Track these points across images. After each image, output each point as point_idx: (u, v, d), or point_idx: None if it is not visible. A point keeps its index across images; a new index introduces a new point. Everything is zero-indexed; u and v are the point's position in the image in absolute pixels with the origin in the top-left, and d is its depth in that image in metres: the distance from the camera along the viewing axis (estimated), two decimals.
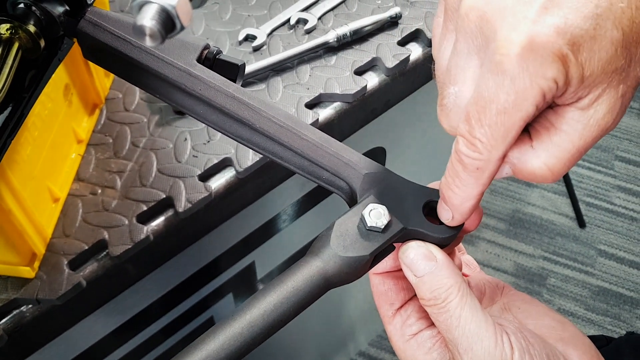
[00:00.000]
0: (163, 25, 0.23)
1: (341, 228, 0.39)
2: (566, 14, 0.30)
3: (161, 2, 0.23)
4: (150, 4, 0.23)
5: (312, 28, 0.75)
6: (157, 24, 0.22)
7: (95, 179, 0.63)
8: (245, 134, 0.44)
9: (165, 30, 0.23)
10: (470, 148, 0.34)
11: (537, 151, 0.35)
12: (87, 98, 0.66)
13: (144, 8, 0.23)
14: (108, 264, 0.59)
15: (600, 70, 0.32)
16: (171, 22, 0.23)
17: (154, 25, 0.22)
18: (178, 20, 0.23)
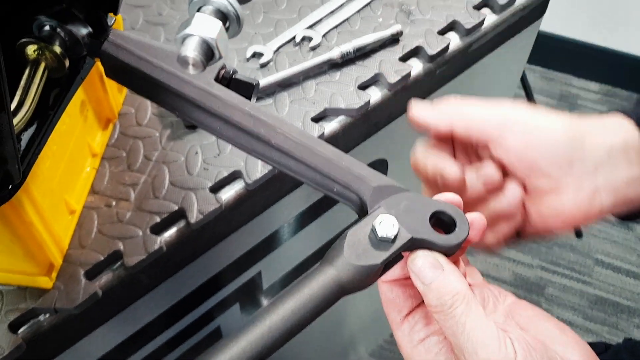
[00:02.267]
0: (204, 55, 0.25)
1: (353, 238, 0.41)
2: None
3: (202, 34, 0.25)
4: (193, 37, 0.25)
5: (317, 45, 0.78)
6: (199, 55, 0.25)
7: (109, 191, 0.65)
8: (260, 149, 0.46)
9: (206, 59, 0.25)
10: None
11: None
12: (101, 113, 0.68)
13: (187, 40, 0.25)
14: (123, 274, 0.61)
15: None
16: (211, 52, 0.25)
17: (196, 55, 0.25)
18: (217, 50, 0.25)
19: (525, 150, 0.47)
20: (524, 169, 0.48)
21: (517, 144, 0.47)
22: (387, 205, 0.43)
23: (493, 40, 0.86)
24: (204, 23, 0.25)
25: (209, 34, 0.25)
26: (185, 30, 0.25)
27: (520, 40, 0.93)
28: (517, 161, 0.48)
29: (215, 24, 0.25)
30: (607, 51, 2.24)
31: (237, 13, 0.26)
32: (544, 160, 0.47)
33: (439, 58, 0.79)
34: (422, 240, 0.42)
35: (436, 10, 0.83)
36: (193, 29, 0.25)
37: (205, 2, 0.26)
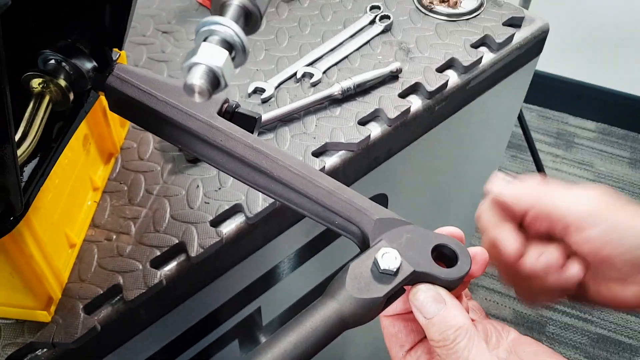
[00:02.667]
0: (210, 83, 0.25)
1: (356, 271, 0.41)
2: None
3: (209, 63, 0.25)
4: (199, 65, 0.25)
5: (318, 81, 0.79)
6: (205, 83, 0.25)
7: (110, 225, 0.65)
8: (262, 182, 0.46)
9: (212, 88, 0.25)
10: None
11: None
12: (103, 147, 0.69)
13: (194, 69, 0.26)
14: (122, 308, 0.60)
15: None
16: (217, 80, 0.26)
17: (202, 83, 0.25)
18: (223, 79, 0.26)
19: (603, 247, 0.46)
20: (596, 260, 0.47)
21: (597, 239, 0.46)
22: (389, 238, 0.43)
23: (491, 78, 0.87)
24: (211, 52, 0.26)
25: (215, 62, 0.25)
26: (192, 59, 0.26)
27: (517, 78, 0.94)
28: (592, 253, 0.47)
29: (221, 53, 0.26)
30: (602, 90, 2.27)
31: (243, 43, 0.27)
32: (619, 259, 0.46)
33: (438, 94, 0.80)
34: (424, 274, 0.42)
35: (434, 49, 0.84)
36: (199, 58, 0.26)
37: (211, 32, 0.26)
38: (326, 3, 0.92)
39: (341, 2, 0.92)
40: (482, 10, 0.90)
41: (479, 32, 0.86)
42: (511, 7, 0.90)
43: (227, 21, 0.27)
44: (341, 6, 0.91)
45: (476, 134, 1.00)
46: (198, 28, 0.27)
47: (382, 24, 0.86)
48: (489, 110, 0.95)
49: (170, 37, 0.86)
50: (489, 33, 0.86)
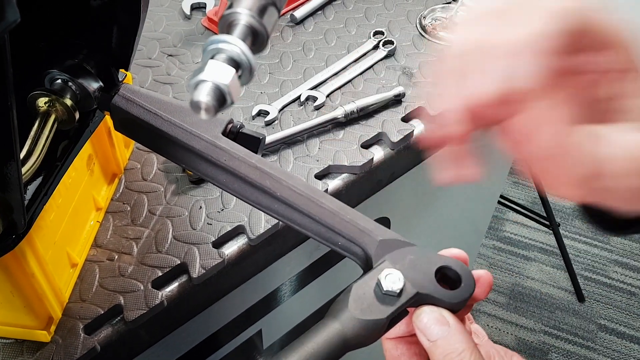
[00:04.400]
0: (217, 100, 0.26)
1: (358, 292, 0.41)
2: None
3: (215, 80, 0.26)
4: (206, 83, 0.26)
5: (321, 105, 0.79)
6: (211, 100, 0.25)
7: (112, 245, 0.65)
8: (265, 202, 0.46)
9: (218, 105, 0.26)
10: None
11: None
12: (107, 168, 0.69)
13: (200, 86, 0.26)
14: (122, 329, 0.60)
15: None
16: (223, 98, 0.26)
17: (209, 100, 0.25)
18: (229, 96, 0.26)
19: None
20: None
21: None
22: (393, 260, 0.42)
23: None
24: (217, 70, 0.26)
25: (222, 80, 0.26)
26: (199, 76, 0.26)
27: None
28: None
29: (228, 71, 0.26)
30: None
31: (249, 61, 0.27)
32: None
33: None
34: (427, 296, 0.41)
35: None
36: (206, 75, 0.26)
37: (218, 50, 0.27)
38: (330, 28, 0.93)
39: (345, 27, 0.93)
40: None
41: None
42: None
43: (235, 39, 0.27)
44: (345, 31, 0.92)
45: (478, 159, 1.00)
46: (205, 46, 0.27)
47: (386, 49, 0.87)
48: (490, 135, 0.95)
49: (175, 60, 0.87)
50: None
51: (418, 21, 0.93)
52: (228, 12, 0.30)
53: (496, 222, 2.11)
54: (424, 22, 0.92)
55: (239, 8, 0.29)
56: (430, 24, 0.92)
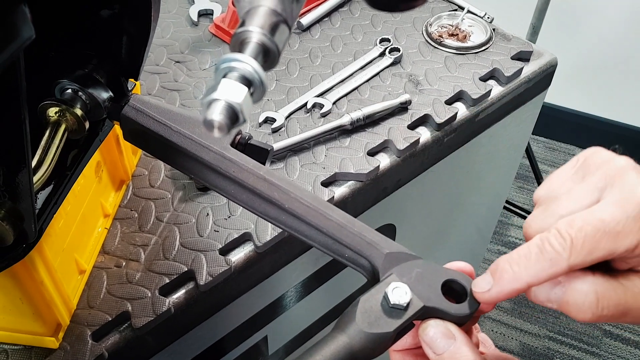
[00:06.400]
0: (229, 119, 0.26)
1: (366, 305, 0.41)
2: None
3: (228, 99, 0.26)
4: (219, 101, 0.26)
5: (328, 112, 0.80)
6: (224, 118, 0.26)
7: (120, 252, 0.65)
8: (273, 213, 0.47)
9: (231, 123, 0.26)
10: (559, 243, 0.37)
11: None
12: (115, 175, 0.70)
13: (213, 104, 0.26)
14: (130, 335, 0.60)
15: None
16: (236, 116, 0.26)
17: (222, 119, 0.26)
18: (242, 114, 0.26)
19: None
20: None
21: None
22: (399, 273, 0.43)
23: (499, 111, 0.88)
24: (230, 88, 0.26)
25: (235, 99, 0.26)
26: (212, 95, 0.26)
27: (525, 110, 0.95)
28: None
29: (241, 89, 0.26)
30: (609, 123, 2.28)
31: (261, 79, 0.27)
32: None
33: (447, 126, 0.80)
34: (434, 309, 0.42)
35: (443, 81, 0.85)
36: (219, 94, 0.26)
37: (231, 68, 0.27)
38: (337, 35, 0.93)
39: (352, 34, 0.93)
40: (491, 44, 0.91)
41: (488, 65, 0.87)
42: (520, 41, 0.91)
43: (247, 58, 0.28)
44: (351, 38, 0.93)
45: (484, 165, 1.00)
46: (218, 65, 0.28)
47: (392, 57, 0.88)
48: (497, 142, 0.96)
49: (183, 66, 0.87)
50: (497, 67, 0.87)
51: (424, 28, 0.93)
52: (240, 30, 0.30)
53: (501, 227, 2.11)
54: (430, 30, 0.93)
55: (250, 26, 0.30)
56: (436, 31, 0.93)
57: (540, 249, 0.37)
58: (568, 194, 0.40)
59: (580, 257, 0.36)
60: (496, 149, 0.98)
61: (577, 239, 0.36)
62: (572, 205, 0.39)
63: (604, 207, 0.37)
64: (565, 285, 0.38)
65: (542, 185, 0.43)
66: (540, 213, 0.41)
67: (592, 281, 0.38)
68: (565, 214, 0.39)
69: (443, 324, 0.42)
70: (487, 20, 0.94)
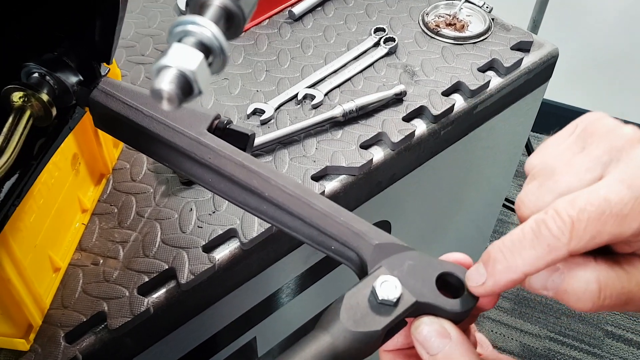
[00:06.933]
0: (181, 89, 0.23)
1: (351, 301, 0.37)
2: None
3: (180, 66, 0.23)
4: (169, 69, 0.23)
5: (319, 103, 0.76)
6: (175, 88, 0.22)
7: (97, 248, 0.62)
8: (253, 203, 0.43)
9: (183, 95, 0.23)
10: (558, 226, 0.33)
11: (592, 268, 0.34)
12: (94, 168, 0.66)
13: (163, 72, 0.23)
14: (106, 337, 0.57)
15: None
16: (189, 86, 0.23)
17: (172, 89, 0.22)
18: (196, 85, 0.23)
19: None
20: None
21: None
22: (389, 265, 0.39)
23: (498, 103, 0.84)
24: (183, 54, 0.23)
25: (188, 66, 0.23)
26: (162, 60, 0.23)
27: (526, 103, 0.92)
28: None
29: (195, 56, 0.23)
30: None
31: (222, 47, 0.24)
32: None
33: (444, 119, 0.77)
34: (427, 305, 0.38)
35: (440, 72, 0.81)
36: (171, 60, 0.23)
37: (186, 32, 0.24)
38: (330, 25, 0.90)
39: (345, 24, 0.90)
40: (490, 34, 0.88)
41: (487, 56, 0.84)
42: (520, 31, 0.88)
43: (205, 21, 0.24)
44: (345, 28, 0.89)
45: (483, 160, 0.97)
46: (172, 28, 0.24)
47: (387, 47, 0.84)
48: (496, 136, 0.92)
49: None
50: (496, 57, 0.83)
51: (421, 18, 0.90)
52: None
53: (501, 226, 2.07)
54: (426, 19, 0.89)
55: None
56: (433, 20, 0.89)
57: (535, 233, 0.33)
58: (567, 166, 0.36)
59: (582, 242, 0.32)
60: (495, 143, 0.95)
61: (579, 221, 0.32)
62: (572, 181, 0.35)
63: (609, 185, 0.33)
64: (564, 272, 0.34)
65: (535, 153, 0.39)
66: (535, 189, 0.37)
67: (594, 268, 0.33)
68: (564, 190, 0.35)
69: (438, 322, 0.38)
70: (485, 9, 0.90)
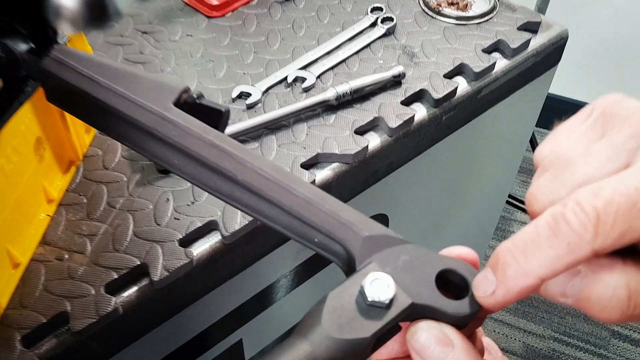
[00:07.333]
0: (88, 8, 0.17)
1: (335, 302, 0.32)
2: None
3: None
4: None
5: (311, 86, 0.70)
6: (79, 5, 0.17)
7: (63, 242, 0.56)
8: (226, 188, 0.38)
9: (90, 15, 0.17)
10: (580, 220, 0.27)
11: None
12: (62, 154, 0.60)
13: None
14: (69, 340, 0.51)
15: None
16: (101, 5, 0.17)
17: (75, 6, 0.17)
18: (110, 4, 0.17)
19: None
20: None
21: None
22: (381, 261, 0.33)
23: (504, 87, 0.78)
24: None
25: None
26: None
27: (533, 89, 0.86)
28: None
29: None
30: None
31: None
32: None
33: (445, 103, 0.71)
34: (426, 307, 0.32)
35: (442, 53, 0.76)
36: None
37: None
38: (323, 4, 0.84)
39: (340, 3, 0.84)
40: (495, 14, 0.82)
41: (492, 36, 0.78)
42: (527, 10, 0.82)
43: None
44: (340, 8, 0.83)
45: (486, 151, 0.91)
46: None
47: (385, 27, 0.78)
48: (501, 124, 0.86)
49: (150, 37, 0.78)
50: (502, 38, 0.77)
51: None
52: None
53: (504, 223, 2.01)
54: None
55: None
56: None
57: (553, 229, 0.28)
58: (584, 156, 0.30)
59: (609, 240, 0.27)
60: (500, 132, 0.89)
61: (606, 214, 0.26)
62: (592, 172, 0.29)
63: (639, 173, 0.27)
64: (586, 276, 0.28)
65: (545, 142, 0.33)
66: (548, 181, 0.31)
67: (623, 271, 0.27)
68: (582, 183, 0.29)
69: (438, 327, 0.33)
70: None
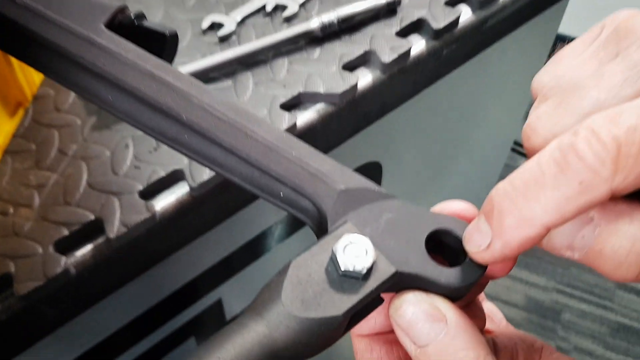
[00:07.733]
0: None
1: (300, 272, 0.25)
2: None
3: None
4: None
5: (293, 15, 0.62)
6: None
7: (7, 194, 0.49)
8: (170, 131, 0.30)
9: None
10: (595, 152, 0.21)
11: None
12: (7, 95, 0.53)
13: None
14: (15, 305, 0.45)
15: None
16: None
17: None
18: None
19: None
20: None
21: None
22: (359, 220, 0.27)
23: (513, 17, 0.70)
24: None
25: None
26: None
27: (544, 21, 0.77)
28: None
29: None
30: None
31: None
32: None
33: (447, 34, 0.63)
34: (413, 277, 0.26)
35: None
36: None
37: None
38: None
39: None
40: None
41: None
42: None
43: None
44: None
45: (491, 91, 0.83)
46: None
47: None
48: (507, 61, 0.78)
49: None
50: None
51: None
52: None
53: (508, 172, 1.95)
54: None
55: None
56: None
57: (560, 165, 0.21)
58: (595, 78, 0.24)
59: (632, 176, 0.20)
60: (506, 70, 0.81)
61: (628, 145, 0.20)
62: (606, 95, 0.23)
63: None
64: (599, 224, 0.22)
65: (545, 68, 0.27)
66: (550, 109, 0.24)
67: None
68: (595, 109, 0.23)
69: (427, 299, 0.26)
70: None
